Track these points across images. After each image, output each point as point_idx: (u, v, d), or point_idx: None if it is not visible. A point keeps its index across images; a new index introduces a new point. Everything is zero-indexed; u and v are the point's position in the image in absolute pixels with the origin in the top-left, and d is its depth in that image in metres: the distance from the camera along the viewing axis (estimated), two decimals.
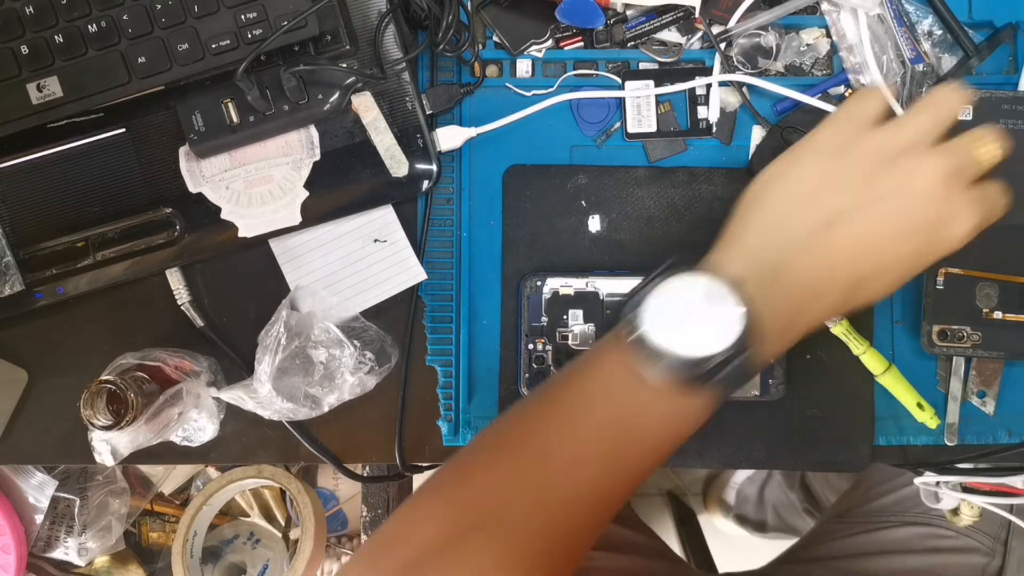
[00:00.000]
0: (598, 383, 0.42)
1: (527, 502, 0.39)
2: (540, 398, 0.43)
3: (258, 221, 0.55)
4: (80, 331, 0.57)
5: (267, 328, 0.52)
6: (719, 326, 0.39)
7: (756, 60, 0.58)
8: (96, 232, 0.55)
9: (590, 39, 0.58)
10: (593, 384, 0.42)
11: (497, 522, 0.39)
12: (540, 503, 0.39)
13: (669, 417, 0.41)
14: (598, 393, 0.41)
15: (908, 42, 0.56)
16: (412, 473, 0.59)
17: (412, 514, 0.41)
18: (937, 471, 0.57)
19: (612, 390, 0.41)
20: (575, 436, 0.41)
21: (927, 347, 0.55)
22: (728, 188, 0.58)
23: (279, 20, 0.52)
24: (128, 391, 0.49)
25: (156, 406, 0.51)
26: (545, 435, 0.41)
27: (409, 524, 0.41)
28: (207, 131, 0.54)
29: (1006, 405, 0.57)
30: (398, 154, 0.55)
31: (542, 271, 0.56)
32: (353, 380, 0.53)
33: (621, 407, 0.41)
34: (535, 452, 0.41)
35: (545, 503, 0.39)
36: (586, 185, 0.57)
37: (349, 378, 0.53)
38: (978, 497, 0.56)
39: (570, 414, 0.41)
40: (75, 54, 0.52)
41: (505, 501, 0.40)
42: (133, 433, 0.51)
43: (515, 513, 0.39)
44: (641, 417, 0.41)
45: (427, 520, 0.40)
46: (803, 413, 0.57)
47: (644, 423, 0.41)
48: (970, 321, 0.54)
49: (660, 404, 0.41)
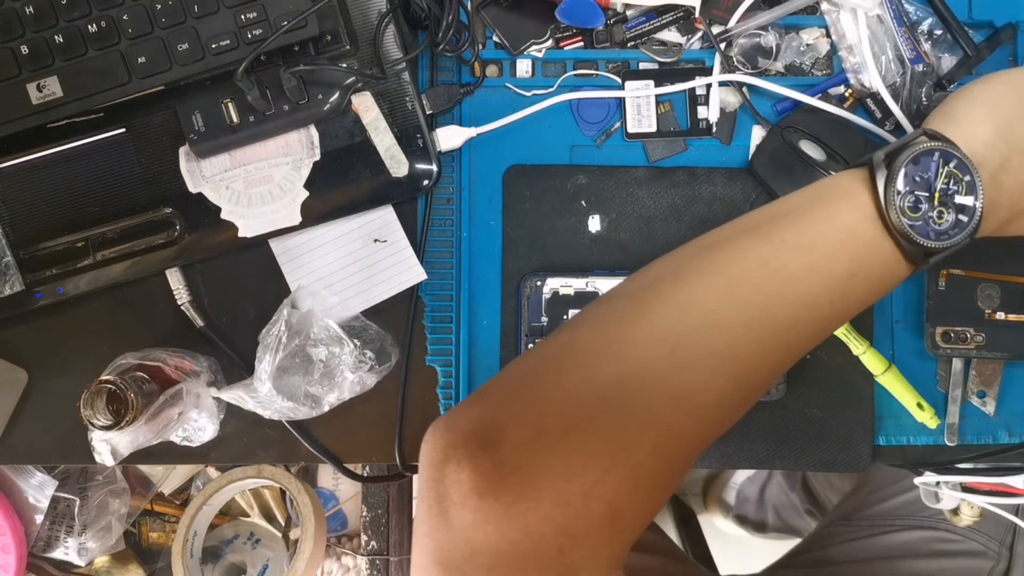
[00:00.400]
0: (835, 234, 0.40)
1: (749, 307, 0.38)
2: (760, 224, 0.40)
3: (258, 221, 0.55)
4: (80, 331, 0.57)
5: (268, 327, 0.52)
6: (963, 218, 0.40)
7: (756, 60, 0.58)
8: (96, 232, 0.55)
9: (590, 39, 0.58)
10: (830, 234, 0.40)
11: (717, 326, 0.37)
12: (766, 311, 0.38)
13: (888, 280, 0.41)
14: (834, 243, 0.40)
15: (908, 42, 0.56)
16: (412, 473, 0.59)
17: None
18: (937, 471, 0.57)
19: (849, 245, 0.40)
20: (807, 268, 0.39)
21: (931, 349, 0.55)
22: (728, 188, 0.58)
23: (279, 20, 0.52)
24: (128, 391, 0.49)
25: (156, 406, 0.51)
26: (771, 256, 0.39)
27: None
28: (207, 131, 0.54)
29: (1006, 405, 0.57)
30: (398, 154, 0.55)
31: (542, 271, 0.56)
32: (353, 378, 0.53)
33: (854, 264, 0.40)
34: (759, 265, 0.38)
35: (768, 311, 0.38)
36: (586, 185, 0.57)
37: (349, 376, 0.53)
38: (978, 497, 0.56)
39: (802, 244, 0.39)
40: (75, 54, 0.52)
41: (722, 308, 0.37)
42: (133, 433, 0.51)
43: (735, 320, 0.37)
44: (864, 277, 0.40)
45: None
46: (803, 413, 0.57)
47: (863, 285, 0.40)
48: (973, 322, 0.54)
49: (887, 269, 0.40)
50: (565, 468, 0.34)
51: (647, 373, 0.36)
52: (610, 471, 0.34)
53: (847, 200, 0.40)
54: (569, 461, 0.34)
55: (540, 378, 0.37)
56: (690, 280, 0.38)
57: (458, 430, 0.36)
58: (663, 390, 0.36)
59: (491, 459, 0.34)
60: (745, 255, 0.39)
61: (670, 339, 0.37)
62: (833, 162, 0.55)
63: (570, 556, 0.33)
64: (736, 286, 0.38)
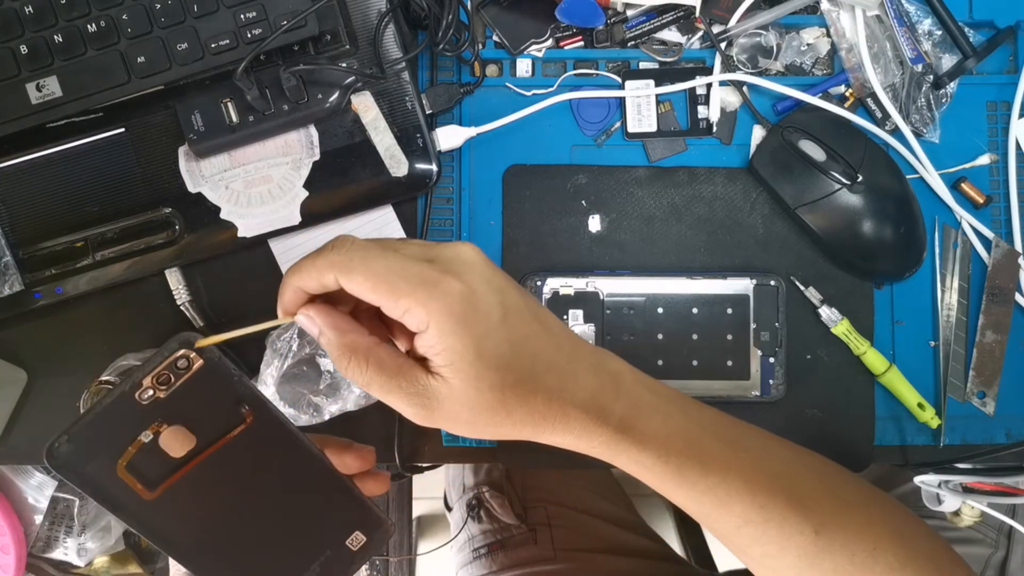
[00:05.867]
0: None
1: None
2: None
3: (258, 221, 0.55)
4: (80, 331, 0.57)
5: (279, 331, 0.52)
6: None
7: (756, 60, 0.58)
8: (95, 232, 0.55)
9: (590, 39, 0.58)
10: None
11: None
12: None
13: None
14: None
15: (908, 42, 0.56)
16: (412, 473, 0.59)
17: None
18: (937, 471, 0.57)
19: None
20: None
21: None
22: (728, 188, 0.58)
23: (279, 20, 0.52)
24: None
25: None
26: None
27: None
28: (207, 131, 0.54)
29: (1006, 405, 0.57)
30: (398, 154, 0.55)
31: (542, 271, 0.56)
32: (359, 392, 0.53)
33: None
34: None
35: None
36: (586, 185, 0.57)
37: (356, 390, 0.53)
38: (979, 497, 0.56)
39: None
40: (74, 54, 0.52)
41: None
42: None
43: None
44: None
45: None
46: (803, 413, 0.57)
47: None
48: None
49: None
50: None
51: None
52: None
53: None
54: None
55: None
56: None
57: None
58: None
59: None
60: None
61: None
62: (833, 162, 0.55)
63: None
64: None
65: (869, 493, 0.43)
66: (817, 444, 0.56)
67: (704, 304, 0.56)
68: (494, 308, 0.35)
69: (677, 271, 0.57)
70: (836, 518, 0.40)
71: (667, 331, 0.56)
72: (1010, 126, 0.58)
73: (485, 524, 0.80)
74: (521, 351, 0.36)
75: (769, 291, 0.56)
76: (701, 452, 0.39)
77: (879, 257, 0.56)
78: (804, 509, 0.40)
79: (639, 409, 0.38)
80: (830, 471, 0.43)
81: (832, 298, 0.57)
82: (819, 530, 0.40)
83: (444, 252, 0.36)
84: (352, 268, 0.34)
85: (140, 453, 0.35)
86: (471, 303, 0.34)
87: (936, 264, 0.58)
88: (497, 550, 0.78)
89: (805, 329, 0.57)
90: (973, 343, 0.57)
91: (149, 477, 0.36)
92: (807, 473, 0.42)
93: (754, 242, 0.58)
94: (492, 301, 0.35)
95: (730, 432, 0.41)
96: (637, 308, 0.56)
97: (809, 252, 0.57)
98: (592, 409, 0.37)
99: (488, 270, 0.36)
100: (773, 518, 0.39)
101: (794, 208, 0.56)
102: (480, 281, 0.35)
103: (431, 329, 0.34)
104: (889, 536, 0.41)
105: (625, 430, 0.38)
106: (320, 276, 0.35)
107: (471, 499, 0.82)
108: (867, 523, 0.41)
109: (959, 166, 0.58)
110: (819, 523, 0.40)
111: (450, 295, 0.34)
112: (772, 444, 0.43)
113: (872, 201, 0.55)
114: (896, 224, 0.55)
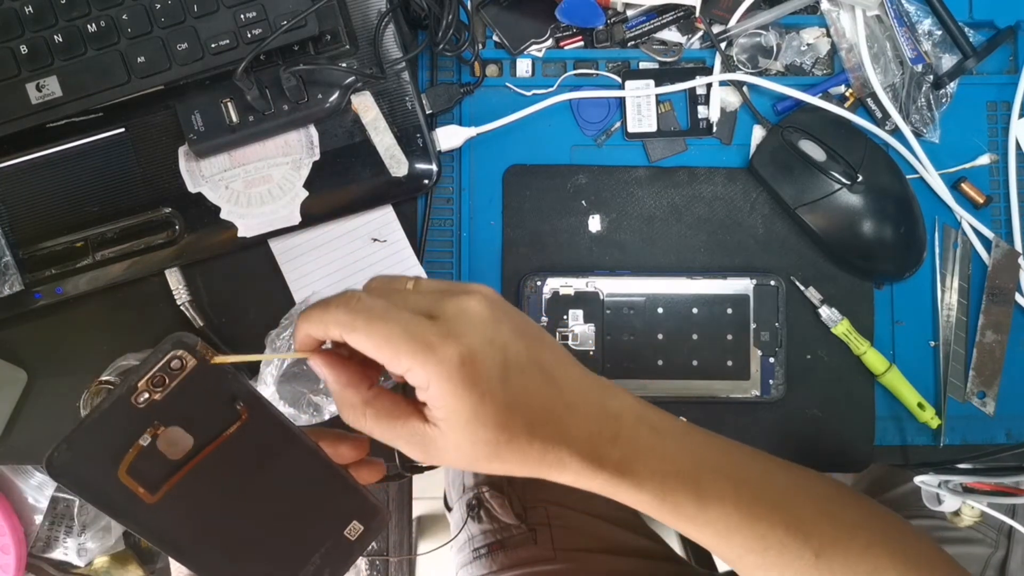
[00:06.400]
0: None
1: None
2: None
3: (258, 221, 0.55)
4: (80, 331, 0.57)
5: (279, 330, 0.52)
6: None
7: (756, 60, 0.58)
8: (95, 232, 0.55)
9: (590, 38, 0.58)
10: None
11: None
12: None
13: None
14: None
15: (909, 42, 0.56)
16: (412, 473, 0.59)
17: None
18: (937, 471, 0.57)
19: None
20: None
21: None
22: (728, 188, 0.58)
23: (279, 20, 0.52)
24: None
25: None
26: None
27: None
28: (207, 131, 0.54)
29: (1006, 405, 0.57)
30: (398, 154, 0.55)
31: (542, 271, 0.56)
32: None
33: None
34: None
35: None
36: (586, 185, 0.57)
37: None
38: (979, 497, 0.56)
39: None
40: (74, 54, 0.52)
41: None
42: None
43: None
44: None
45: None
46: (803, 413, 0.57)
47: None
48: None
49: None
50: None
51: None
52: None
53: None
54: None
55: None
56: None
57: None
58: None
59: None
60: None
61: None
62: (833, 162, 0.55)
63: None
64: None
65: (870, 513, 0.44)
66: (817, 444, 0.57)
67: (704, 304, 0.56)
68: (494, 370, 0.36)
69: (677, 271, 0.57)
70: (836, 542, 0.41)
71: (667, 331, 0.56)
72: (1010, 126, 0.58)
73: (485, 524, 0.80)
74: (518, 408, 0.37)
75: (769, 291, 0.56)
76: (699, 489, 0.39)
77: (879, 257, 0.56)
78: (804, 535, 0.40)
79: (637, 451, 0.39)
80: (831, 492, 0.44)
81: (832, 298, 0.57)
82: (819, 554, 0.40)
83: (449, 307, 0.36)
84: (356, 328, 0.35)
85: (140, 457, 0.35)
86: (471, 367, 0.35)
87: (936, 264, 0.58)
88: (497, 550, 0.78)
89: (805, 329, 0.57)
90: (973, 343, 0.57)
91: (150, 480, 0.36)
92: (807, 498, 0.43)
93: (754, 242, 0.58)
94: (493, 362, 0.36)
95: (730, 464, 0.41)
96: (637, 308, 0.56)
97: (809, 252, 0.57)
98: (588, 455, 0.38)
99: (491, 328, 0.36)
100: (773, 546, 0.40)
101: (794, 208, 0.56)
102: (482, 342, 0.36)
103: (431, 389, 0.35)
104: (890, 557, 0.42)
105: (622, 473, 0.38)
106: (326, 330, 0.36)
107: (471, 499, 0.81)
108: (867, 545, 0.42)
109: (959, 166, 0.58)
110: (819, 547, 0.41)
111: (449, 361, 0.35)
112: (773, 471, 0.43)
113: (872, 201, 0.55)
114: (896, 224, 0.55)
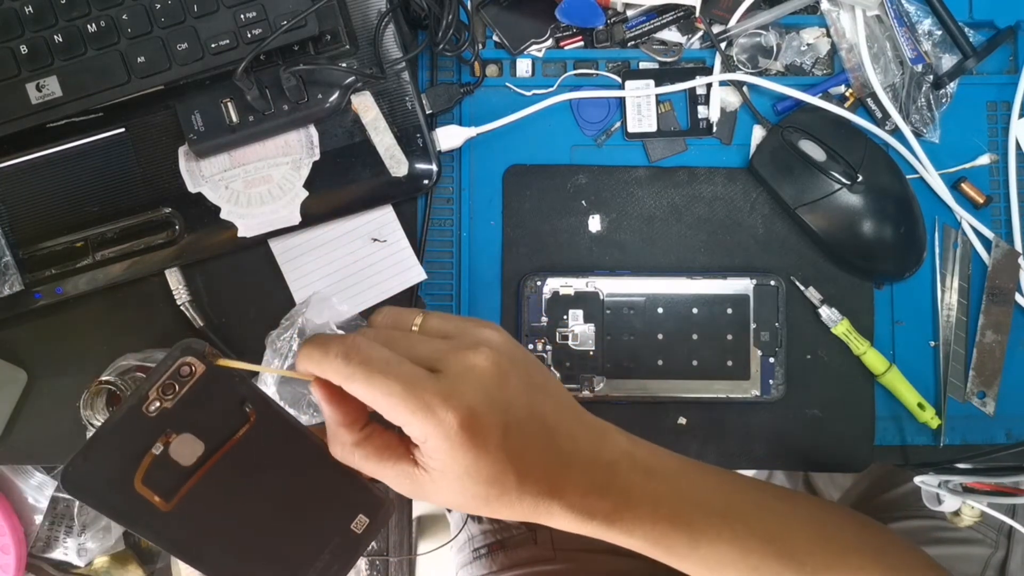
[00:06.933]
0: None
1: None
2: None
3: (258, 221, 0.55)
4: (80, 331, 0.57)
5: (279, 331, 0.52)
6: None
7: (756, 60, 0.58)
8: (95, 232, 0.55)
9: (590, 38, 0.58)
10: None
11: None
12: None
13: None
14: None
15: (909, 42, 0.56)
16: None
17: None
18: (937, 471, 0.57)
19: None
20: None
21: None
22: (728, 188, 0.58)
23: (279, 20, 0.52)
24: (128, 391, 0.49)
25: None
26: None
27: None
28: (207, 131, 0.54)
29: (1006, 405, 0.57)
30: (398, 154, 0.55)
31: (542, 271, 0.56)
32: None
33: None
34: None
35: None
36: (586, 185, 0.57)
37: None
38: (979, 497, 0.56)
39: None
40: (74, 54, 0.52)
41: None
42: None
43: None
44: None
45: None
46: (803, 413, 0.57)
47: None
48: None
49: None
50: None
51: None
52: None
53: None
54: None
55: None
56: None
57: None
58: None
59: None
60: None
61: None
62: (833, 162, 0.55)
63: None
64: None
65: (865, 535, 0.45)
66: (817, 444, 0.57)
67: (704, 304, 0.56)
68: (493, 431, 0.35)
69: (677, 271, 0.57)
70: (829, 568, 0.42)
71: (667, 331, 0.56)
72: (1010, 126, 0.58)
73: (485, 524, 0.80)
74: (512, 464, 0.36)
75: (769, 291, 0.56)
76: (691, 530, 0.40)
77: (879, 257, 0.56)
78: (798, 564, 0.41)
79: (628, 500, 0.39)
80: (825, 516, 0.45)
81: (832, 298, 0.57)
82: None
83: (454, 364, 0.36)
84: (354, 380, 0.35)
85: (153, 466, 0.35)
86: (470, 430, 0.35)
87: (936, 264, 0.58)
88: (497, 550, 0.78)
89: (805, 329, 0.57)
90: (973, 343, 0.57)
91: (164, 488, 0.36)
92: (800, 526, 0.43)
93: (754, 242, 0.58)
94: (493, 424, 0.35)
95: (723, 501, 0.41)
96: (637, 308, 0.56)
97: (809, 252, 0.57)
98: (578, 506, 0.38)
99: (495, 387, 0.36)
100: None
101: (794, 208, 0.56)
102: (484, 402, 0.35)
103: (428, 443, 0.35)
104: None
105: (612, 522, 0.39)
106: (324, 375, 0.36)
107: None
108: (859, 568, 0.42)
109: (959, 166, 0.58)
110: (812, 574, 0.41)
111: (448, 424, 0.34)
112: (767, 502, 0.43)
113: (872, 201, 0.55)
114: (896, 224, 0.55)
